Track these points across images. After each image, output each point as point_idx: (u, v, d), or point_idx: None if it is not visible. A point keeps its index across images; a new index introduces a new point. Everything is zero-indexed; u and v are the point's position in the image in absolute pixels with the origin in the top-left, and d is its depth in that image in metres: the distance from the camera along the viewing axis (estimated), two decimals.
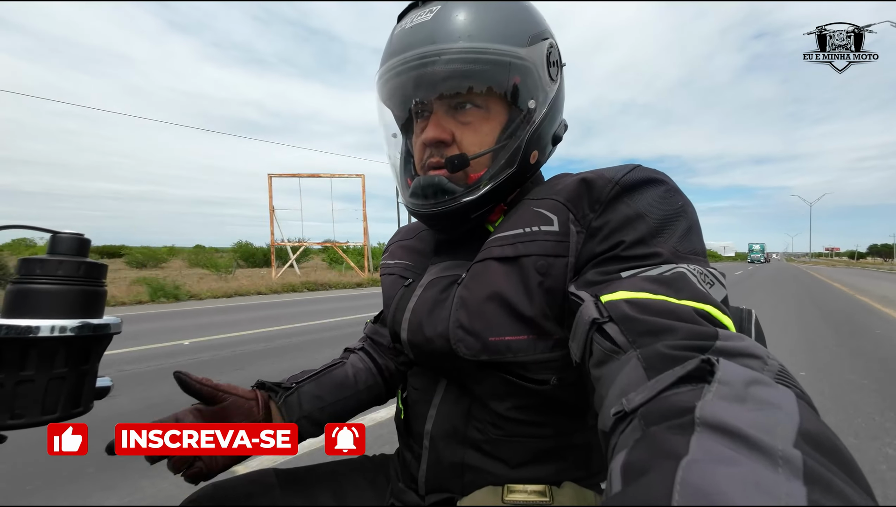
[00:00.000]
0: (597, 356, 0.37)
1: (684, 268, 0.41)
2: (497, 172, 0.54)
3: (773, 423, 0.22)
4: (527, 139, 0.54)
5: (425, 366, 0.59)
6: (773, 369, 0.29)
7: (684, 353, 0.30)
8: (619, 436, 0.28)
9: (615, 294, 0.39)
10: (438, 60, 0.50)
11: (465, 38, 0.50)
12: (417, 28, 0.51)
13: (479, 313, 0.50)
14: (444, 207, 0.54)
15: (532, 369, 0.50)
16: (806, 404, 0.25)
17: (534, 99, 0.54)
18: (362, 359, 0.74)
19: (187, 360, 4.06)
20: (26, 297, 0.40)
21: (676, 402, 0.26)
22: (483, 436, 0.52)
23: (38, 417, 0.39)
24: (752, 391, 0.25)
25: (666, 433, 0.23)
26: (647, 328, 0.34)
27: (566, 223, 0.49)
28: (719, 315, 0.36)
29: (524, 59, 0.52)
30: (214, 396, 0.57)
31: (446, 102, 0.53)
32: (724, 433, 0.21)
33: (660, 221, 0.45)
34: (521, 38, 0.52)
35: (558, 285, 0.48)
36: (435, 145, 0.54)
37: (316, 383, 0.67)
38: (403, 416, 0.62)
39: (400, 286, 0.63)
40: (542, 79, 0.54)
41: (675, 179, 0.49)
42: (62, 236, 0.43)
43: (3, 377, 0.38)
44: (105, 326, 0.43)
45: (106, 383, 0.47)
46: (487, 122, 0.54)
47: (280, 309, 8.06)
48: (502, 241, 0.52)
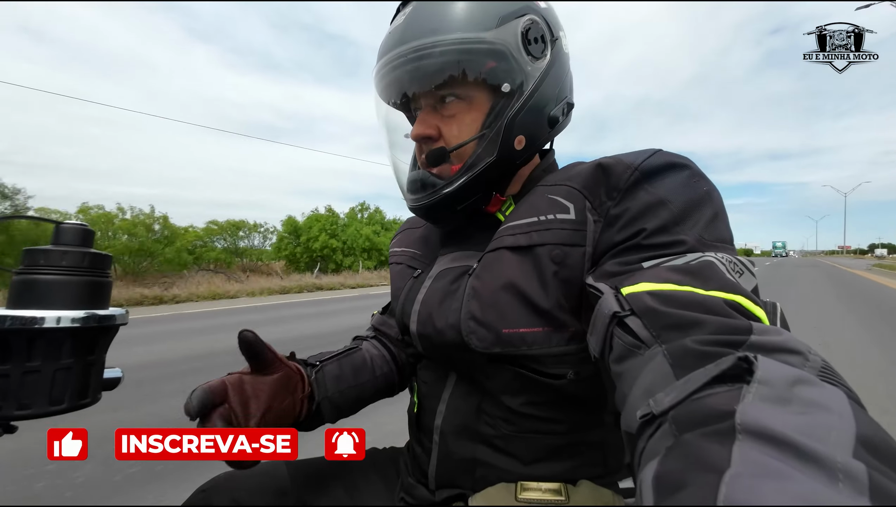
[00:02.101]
0: (617, 352, 0.35)
1: (711, 256, 0.38)
2: (474, 161, 0.52)
3: (826, 429, 0.19)
4: (505, 125, 0.51)
5: (435, 359, 0.57)
6: (816, 365, 0.26)
7: (715, 349, 0.28)
8: (647, 441, 0.26)
9: (637, 286, 0.36)
10: (407, 59, 0.51)
11: (428, 33, 0.49)
12: (393, 31, 0.53)
13: (493, 304, 0.48)
14: (427, 201, 0.54)
15: (547, 362, 0.48)
16: (858, 405, 0.22)
17: (508, 82, 0.51)
18: (376, 346, 0.72)
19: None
20: (31, 288, 0.39)
21: (712, 405, 0.23)
22: (495, 431, 0.51)
23: (45, 408, 0.39)
24: (797, 392, 0.22)
25: (702, 440, 0.21)
26: (672, 322, 0.32)
27: (583, 211, 0.46)
28: (752, 306, 0.34)
29: (492, 43, 0.49)
30: (273, 363, 0.52)
31: (428, 98, 0.53)
32: (771, 441, 0.19)
33: (683, 207, 0.42)
34: (489, 21, 0.50)
35: (575, 275, 0.45)
36: (423, 141, 0.54)
37: (338, 363, 0.64)
38: (416, 410, 0.61)
39: (408, 277, 0.61)
40: (518, 59, 0.51)
41: (701, 169, 0.46)
42: (66, 227, 0.42)
43: (9, 368, 0.38)
44: (111, 317, 0.42)
45: (116, 373, 0.47)
46: (470, 112, 0.52)
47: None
48: (515, 229, 0.50)
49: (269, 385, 0.51)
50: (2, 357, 0.38)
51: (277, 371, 0.52)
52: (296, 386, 0.54)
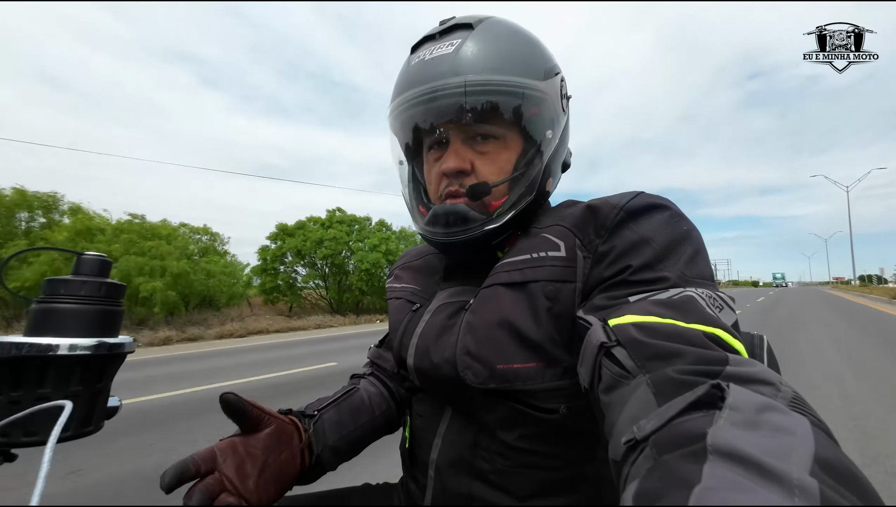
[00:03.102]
0: (606, 382, 0.37)
1: (692, 292, 0.40)
2: (517, 199, 0.55)
3: (788, 450, 0.21)
4: (544, 168, 0.55)
5: (431, 393, 0.58)
6: (787, 395, 0.28)
7: (694, 378, 0.30)
8: (630, 466, 0.28)
9: (623, 318, 0.39)
10: (465, 91, 0.51)
11: (488, 70, 0.51)
12: (439, 60, 0.52)
13: (487, 340, 0.49)
14: (467, 236, 0.53)
15: (541, 397, 0.49)
16: (822, 431, 0.24)
17: (550, 130, 0.56)
18: (373, 384, 0.72)
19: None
20: (48, 316, 0.41)
21: (688, 429, 0.25)
22: (490, 466, 0.51)
23: (50, 435, 0.40)
24: (765, 418, 0.24)
25: (678, 461, 0.23)
26: (655, 352, 0.34)
27: (573, 249, 0.49)
28: (730, 339, 0.36)
29: (543, 92, 0.54)
30: (262, 420, 0.51)
31: (465, 132, 0.54)
32: (738, 460, 0.21)
33: (665, 245, 0.45)
34: (538, 71, 0.54)
35: (567, 310, 0.47)
36: (455, 175, 0.54)
37: (336, 409, 0.63)
38: (408, 444, 0.60)
39: (407, 311, 0.63)
40: (557, 110, 0.56)
41: (681, 210, 0.49)
42: (86, 258, 0.44)
43: (20, 395, 0.39)
44: (120, 345, 0.44)
45: (115, 403, 0.48)
46: (505, 151, 0.55)
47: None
48: (510, 266, 0.52)
49: (262, 441, 0.50)
50: (14, 384, 0.39)
51: (268, 426, 0.52)
52: (290, 437, 0.54)
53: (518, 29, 0.57)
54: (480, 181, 0.53)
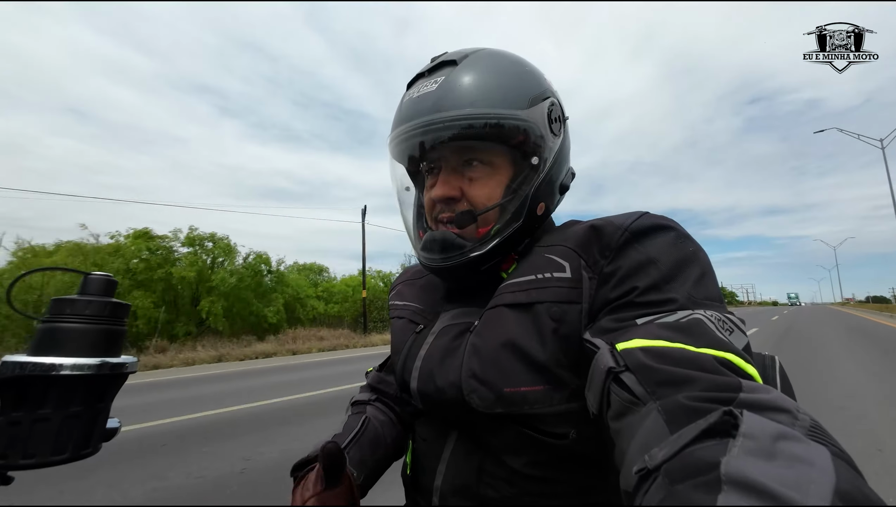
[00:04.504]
0: (615, 408, 0.36)
1: (701, 314, 0.39)
2: (504, 225, 0.55)
3: (806, 481, 0.20)
4: (532, 194, 0.55)
5: (435, 417, 0.57)
6: (805, 423, 0.27)
7: (707, 405, 0.29)
8: (643, 496, 0.26)
9: (630, 342, 0.38)
10: (443, 127, 0.53)
11: (467, 104, 0.52)
12: (424, 97, 0.55)
13: (493, 362, 0.48)
14: (454, 262, 0.55)
15: (549, 421, 0.47)
16: (844, 461, 0.23)
17: (537, 156, 0.56)
18: (381, 411, 0.70)
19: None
20: (53, 335, 0.41)
21: (700, 457, 0.24)
22: (497, 493, 0.49)
23: (48, 457, 0.39)
24: (781, 447, 0.23)
25: (691, 491, 0.22)
26: (665, 378, 0.33)
27: (578, 270, 0.48)
28: (742, 364, 0.35)
29: (525, 120, 0.54)
30: (343, 479, 0.53)
31: (454, 160, 0.56)
32: (752, 491, 0.20)
33: (672, 266, 0.44)
34: (522, 100, 0.55)
35: (573, 331, 0.47)
36: (444, 202, 0.56)
37: (358, 446, 0.62)
38: (410, 471, 0.59)
39: (411, 333, 0.62)
40: (544, 136, 0.56)
41: (688, 230, 0.48)
42: (93, 278, 0.45)
43: (21, 415, 0.39)
44: (122, 365, 0.44)
45: (114, 424, 0.47)
46: (494, 177, 0.56)
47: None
48: (515, 287, 0.52)
49: (343, 498, 0.52)
50: (16, 403, 0.39)
51: (343, 483, 0.52)
52: (353, 489, 0.54)
53: (503, 60, 0.57)
54: (466, 209, 0.55)
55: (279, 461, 3.13)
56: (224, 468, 3.06)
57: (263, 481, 2.82)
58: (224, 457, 3.28)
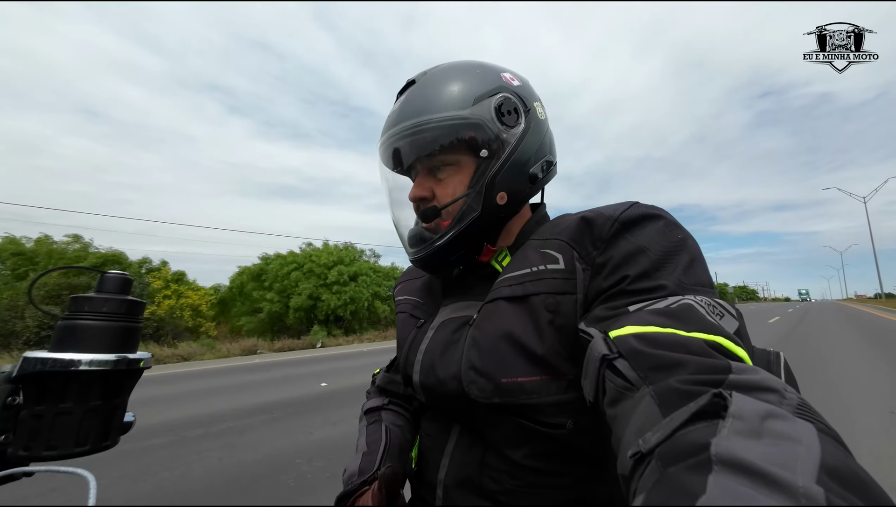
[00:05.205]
0: (610, 395, 0.37)
1: (691, 299, 0.40)
2: (461, 217, 0.57)
3: (793, 458, 0.21)
4: (486, 184, 0.57)
5: (438, 410, 0.58)
6: (793, 402, 0.27)
7: (697, 387, 0.29)
8: (638, 480, 0.27)
9: (623, 329, 0.39)
10: (402, 135, 0.59)
11: (414, 115, 0.58)
12: (392, 114, 0.62)
13: (491, 353, 0.50)
14: (422, 253, 0.60)
15: (546, 412, 0.48)
16: (830, 438, 0.24)
17: (486, 148, 0.57)
18: (396, 414, 0.71)
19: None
20: (72, 332, 0.43)
21: (691, 440, 0.25)
22: (499, 486, 0.50)
23: (71, 449, 0.41)
24: (768, 426, 0.24)
25: (683, 472, 0.23)
26: (657, 363, 0.34)
27: (571, 261, 0.49)
28: (732, 346, 0.35)
29: (467, 118, 0.57)
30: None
31: (425, 165, 0.60)
32: (742, 470, 0.21)
33: (661, 254, 0.45)
34: (466, 100, 0.58)
35: (569, 322, 0.48)
36: (419, 201, 0.60)
37: (390, 459, 0.63)
38: (415, 465, 0.60)
39: (412, 327, 0.63)
40: (493, 128, 0.58)
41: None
42: (110, 276, 0.47)
43: (43, 409, 0.40)
44: (138, 360, 0.45)
45: (129, 418, 0.49)
46: (457, 175, 0.58)
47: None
48: (511, 281, 0.53)
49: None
50: (38, 398, 0.41)
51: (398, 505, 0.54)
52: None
53: (452, 70, 0.61)
54: (430, 206, 0.60)
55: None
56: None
57: None
58: None
